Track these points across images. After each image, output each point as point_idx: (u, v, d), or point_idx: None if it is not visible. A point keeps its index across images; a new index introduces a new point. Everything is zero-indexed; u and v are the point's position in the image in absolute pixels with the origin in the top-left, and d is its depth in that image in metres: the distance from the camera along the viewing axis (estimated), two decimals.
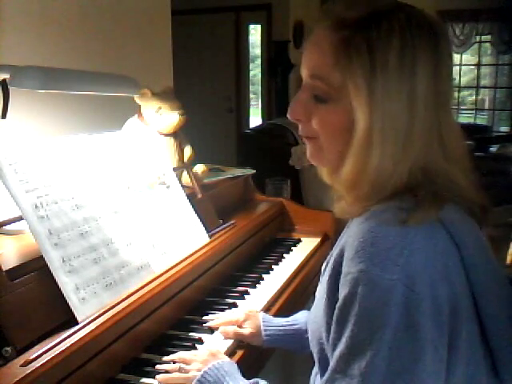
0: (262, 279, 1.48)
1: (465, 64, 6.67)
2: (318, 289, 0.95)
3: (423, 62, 0.74)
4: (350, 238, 0.74)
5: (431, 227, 0.72)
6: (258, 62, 6.26)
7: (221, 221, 1.57)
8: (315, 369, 0.94)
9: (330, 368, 0.73)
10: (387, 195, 0.76)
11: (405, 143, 0.74)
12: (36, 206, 1.01)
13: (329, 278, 0.77)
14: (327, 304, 0.78)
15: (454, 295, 0.70)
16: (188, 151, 1.65)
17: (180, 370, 0.98)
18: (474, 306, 0.74)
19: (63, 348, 0.89)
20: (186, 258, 1.28)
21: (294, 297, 1.46)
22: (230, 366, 0.97)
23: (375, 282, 0.68)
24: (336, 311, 0.73)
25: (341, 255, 0.75)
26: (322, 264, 0.97)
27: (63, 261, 1.00)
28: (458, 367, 0.72)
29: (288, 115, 0.85)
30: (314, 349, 0.87)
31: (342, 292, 0.72)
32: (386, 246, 0.69)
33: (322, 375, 0.84)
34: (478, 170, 0.82)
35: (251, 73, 6.37)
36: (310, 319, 0.90)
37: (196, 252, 1.33)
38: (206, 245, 1.39)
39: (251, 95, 6.42)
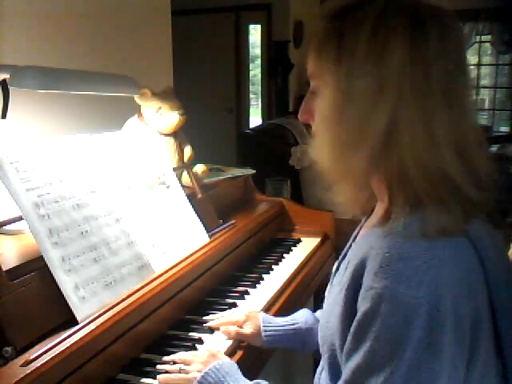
0: (262, 279, 1.48)
1: None
2: (328, 290, 0.94)
3: (397, 45, 0.71)
4: (372, 250, 0.72)
5: (458, 242, 0.71)
6: (258, 62, 6.26)
7: (221, 221, 1.57)
8: (320, 368, 0.94)
9: (343, 379, 0.72)
10: (386, 192, 0.76)
11: (365, 126, 0.72)
12: (36, 205, 1.01)
13: (347, 289, 0.76)
14: (344, 313, 0.76)
15: (475, 311, 0.70)
16: (188, 151, 1.65)
17: (180, 371, 0.98)
18: (492, 320, 0.73)
19: (63, 348, 0.89)
20: (186, 258, 1.28)
21: (294, 297, 1.46)
22: (231, 366, 0.96)
23: (399, 300, 0.67)
24: (355, 323, 0.72)
25: (361, 265, 0.73)
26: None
27: (63, 260, 1.00)
28: (473, 380, 0.71)
29: (299, 118, 0.86)
30: (324, 353, 0.86)
31: (363, 306, 0.70)
32: (412, 263, 0.68)
33: (331, 379, 0.83)
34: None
35: (251, 73, 6.37)
36: (322, 324, 0.88)
37: (196, 252, 1.33)
38: (206, 245, 1.39)
39: (251, 95, 6.41)
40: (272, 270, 1.55)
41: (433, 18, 0.73)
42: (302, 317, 1.16)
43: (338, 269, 0.92)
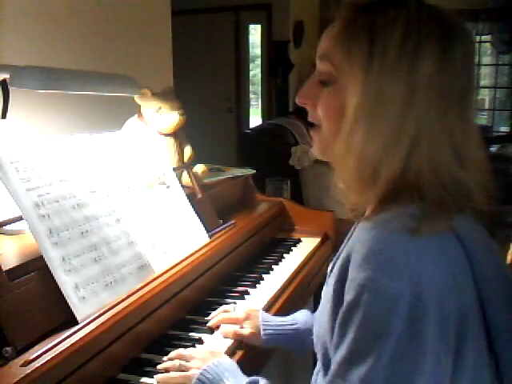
0: (262, 279, 1.48)
1: None
2: (323, 291, 0.95)
3: (427, 55, 0.72)
4: (357, 244, 0.72)
5: (443, 236, 0.71)
6: (258, 62, 6.26)
7: (221, 221, 1.57)
8: (317, 368, 0.94)
9: (330, 371, 0.73)
10: (391, 191, 0.75)
11: (396, 132, 0.73)
12: (37, 205, 1.01)
13: (335, 283, 0.76)
14: (333, 308, 0.76)
15: (462, 305, 0.69)
16: (188, 151, 1.65)
17: (180, 368, 0.98)
18: (481, 315, 0.73)
19: (63, 348, 0.89)
20: (186, 258, 1.28)
21: (294, 297, 1.46)
22: (230, 363, 0.97)
23: (381, 291, 0.67)
24: (339, 315, 0.72)
25: (347, 260, 0.73)
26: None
27: (63, 260, 1.00)
28: (463, 375, 0.71)
29: (296, 99, 0.85)
30: (318, 351, 0.86)
31: (347, 297, 0.71)
32: (394, 255, 0.68)
33: (324, 376, 0.83)
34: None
35: (251, 73, 6.37)
36: (316, 322, 0.89)
37: (196, 252, 1.33)
38: (206, 245, 1.39)
39: (251, 95, 6.41)
40: (272, 269, 1.55)
41: (458, 28, 0.76)
42: (301, 317, 1.17)
43: (332, 269, 0.93)
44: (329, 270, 0.95)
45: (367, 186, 0.76)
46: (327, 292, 0.85)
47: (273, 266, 1.57)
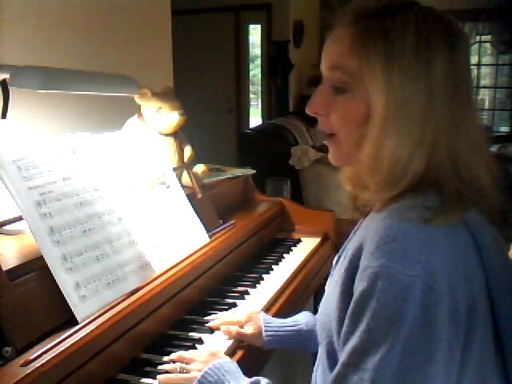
0: (262, 279, 1.48)
1: None
2: (328, 281, 0.95)
3: (438, 55, 0.75)
4: (370, 233, 0.73)
5: (455, 227, 0.73)
6: (258, 62, 6.26)
7: (221, 221, 1.57)
8: (317, 362, 0.94)
9: (340, 362, 0.73)
10: (410, 186, 0.76)
11: (421, 131, 0.75)
12: (38, 203, 1.01)
13: (344, 271, 0.77)
14: (340, 297, 0.77)
15: (472, 296, 0.70)
16: (188, 151, 1.65)
17: (181, 370, 0.98)
18: (490, 308, 0.74)
19: (63, 348, 0.89)
20: (186, 258, 1.28)
21: (294, 297, 1.46)
22: (231, 365, 0.97)
23: (395, 278, 0.67)
24: (352, 305, 0.72)
25: (359, 249, 0.74)
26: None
27: (64, 258, 1.00)
28: (469, 368, 0.71)
29: (307, 110, 0.85)
30: (322, 341, 0.87)
31: (360, 286, 0.71)
32: (408, 243, 0.69)
33: (329, 367, 0.84)
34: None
35: (251, 73, 6.36)
36: (321, 312, 0.89)
37: (196, 252, 1.33)
38: (206, 245, 1.39)
39: (251, 95, 6.41)
40: (272, 269, 1.55)
41: (458, 29, 0.80)
42: (303, 318, 1.17)
43: (337, 262, 0.93)
44: (334, 263, 0.95)
45: (392, 185, 0.77)
46: (333, 282, 0.86)
47: (273, 266, 1.57)
